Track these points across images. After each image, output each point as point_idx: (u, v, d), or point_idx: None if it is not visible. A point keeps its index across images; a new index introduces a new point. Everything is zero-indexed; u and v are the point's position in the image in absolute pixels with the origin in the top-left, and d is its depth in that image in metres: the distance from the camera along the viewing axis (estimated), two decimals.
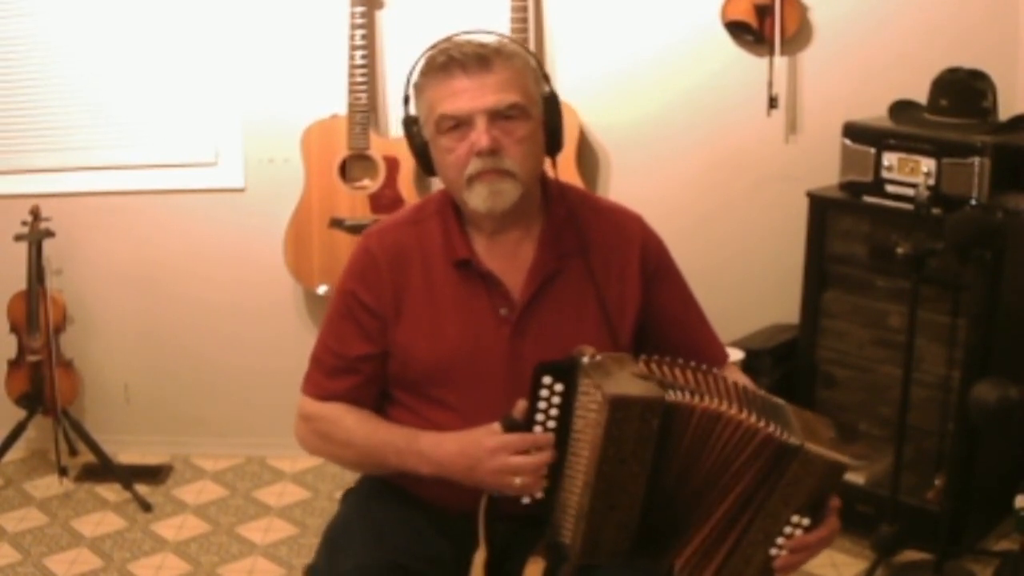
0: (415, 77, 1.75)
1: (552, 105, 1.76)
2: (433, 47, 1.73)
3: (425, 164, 1.80)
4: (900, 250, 2.53)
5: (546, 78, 1.79)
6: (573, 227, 1.79)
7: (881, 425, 2.93)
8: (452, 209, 1.80)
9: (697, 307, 1.92)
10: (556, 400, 1.58)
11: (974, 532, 2.86)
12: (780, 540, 1.57)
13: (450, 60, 1.68)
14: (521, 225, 1.79)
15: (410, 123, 1.79)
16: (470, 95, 1.67)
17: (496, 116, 1.68)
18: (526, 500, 1.63)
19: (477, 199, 1.70)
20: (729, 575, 1.59)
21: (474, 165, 1.68)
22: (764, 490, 1.54)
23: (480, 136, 1.67)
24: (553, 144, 1.78)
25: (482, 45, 1.70)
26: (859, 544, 2.90)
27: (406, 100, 1.79)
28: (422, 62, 1.74)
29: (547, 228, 1.80)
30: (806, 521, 1.56)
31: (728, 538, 1.58)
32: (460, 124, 1.69)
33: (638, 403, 1.51)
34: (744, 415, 1.54)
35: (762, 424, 1.53)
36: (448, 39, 1.74)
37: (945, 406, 2.79)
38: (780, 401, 1.63)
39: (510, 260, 1.78)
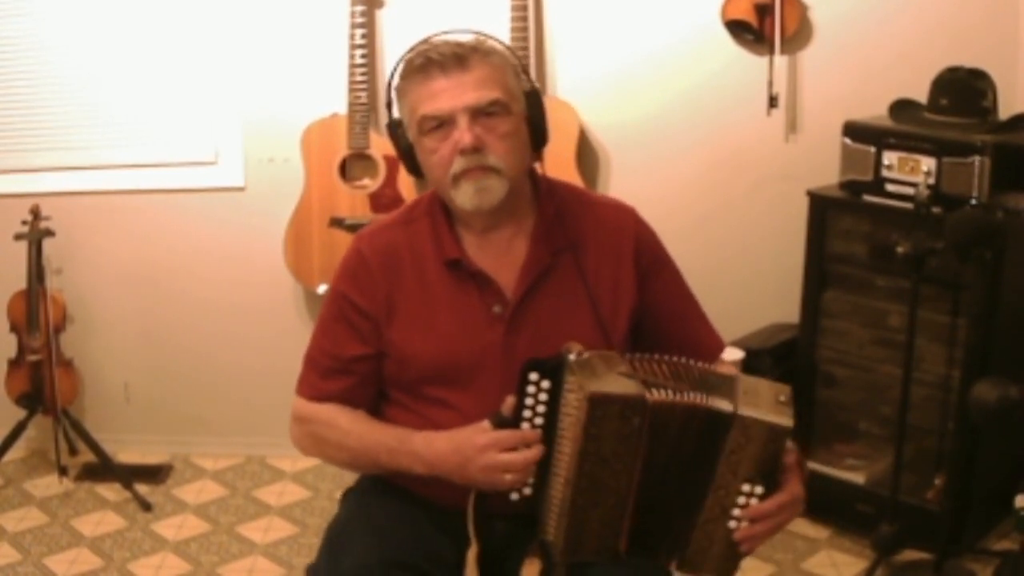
0: (395, 81, 1.75)
1: (534, 100, 1.76)
2: (411, 49, 1.73)
3: (412, 166, 1.79)
4: (900, 249, 2.53)
5: (526, 73, 1.79)
6: (565, 222, 1.79)
7: (881, 425, 2.93)
8: (441, 209, 1.80)
9: (693, 299, 1.92)
10: (543, 397, 1.59)
11: (974, 532, 2.85)
12: (736, 512, 1.57)
13: (428, 61, 1.68)
14: (512, 222, 1.79)
15: (394, 126, 1.79)
16: (450, 94, 1.67)
17: (477, 113, 1.68)
18: (515, 496, 1.63)
19: (464, 197, 1.70)
20: (694, 554, 1.60)
21: (459, 164, 1.68)
22: (711, 463, 1.55)
23: (463, 134, 1.67)
24: (538, 139, 1.78)
25: (459, 44, 1.70)
26: (859, 544, 2.90)
27: (388, 105, 1.79)
28: (401, 65, 1.74)
29: (539, 224, 1.79)
30: (759, 489, 1.56)
31: (689, 518, 1.58)
32: (442, 124, 1.69)
33: (618, 401, 1.52)
34: (700, 398, 1.54)
35: (700, 399, 1.54)
36: (425, 40, 1.74)
37: (945, 406, 2.79)
38: (731, 375, 1.64)
39: (502, 257, 1.78)
